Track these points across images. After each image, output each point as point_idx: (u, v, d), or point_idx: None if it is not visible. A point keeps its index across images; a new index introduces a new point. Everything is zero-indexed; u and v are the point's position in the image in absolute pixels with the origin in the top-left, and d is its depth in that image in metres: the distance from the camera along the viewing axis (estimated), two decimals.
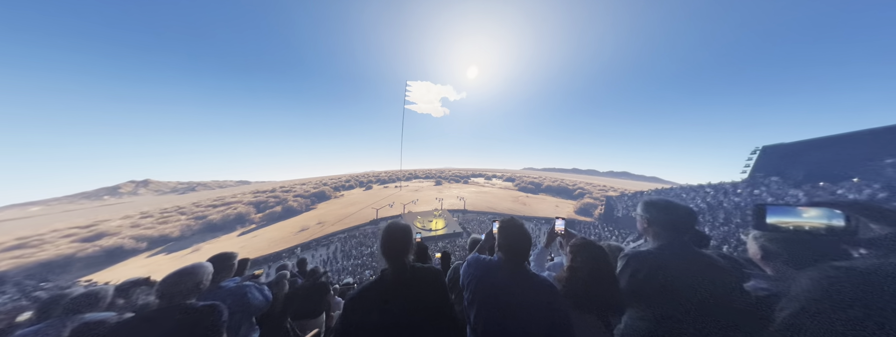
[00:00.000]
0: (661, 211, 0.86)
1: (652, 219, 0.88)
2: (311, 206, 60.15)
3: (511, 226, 0.89)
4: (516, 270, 0.83)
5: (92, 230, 47.87)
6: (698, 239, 1.21)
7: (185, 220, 50.80)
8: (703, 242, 1.23)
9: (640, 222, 0.95)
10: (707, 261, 0.76)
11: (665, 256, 0.81)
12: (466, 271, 0.91)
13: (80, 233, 46.90)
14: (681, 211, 0.84)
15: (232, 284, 1.45)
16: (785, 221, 0.54)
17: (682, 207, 0.84)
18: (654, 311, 0.77)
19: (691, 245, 0.83)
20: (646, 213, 0.89)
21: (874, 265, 0.25)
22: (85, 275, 31.87)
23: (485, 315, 0.77)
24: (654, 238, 0.89)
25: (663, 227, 0.86)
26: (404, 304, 0.81)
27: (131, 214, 62.07)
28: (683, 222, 0.83)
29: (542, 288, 0.80)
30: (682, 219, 0.83)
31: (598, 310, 0.79)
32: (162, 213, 58.85)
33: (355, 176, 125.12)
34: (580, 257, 0.84)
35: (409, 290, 0.84)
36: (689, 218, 0.83)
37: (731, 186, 26.02)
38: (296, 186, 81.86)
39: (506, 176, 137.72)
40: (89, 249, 38.81)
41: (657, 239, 0.87)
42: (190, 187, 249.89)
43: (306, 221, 45.88)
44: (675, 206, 0.85)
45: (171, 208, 62.44)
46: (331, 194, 70.96)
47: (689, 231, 0.85)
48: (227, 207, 55.22)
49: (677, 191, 28.18)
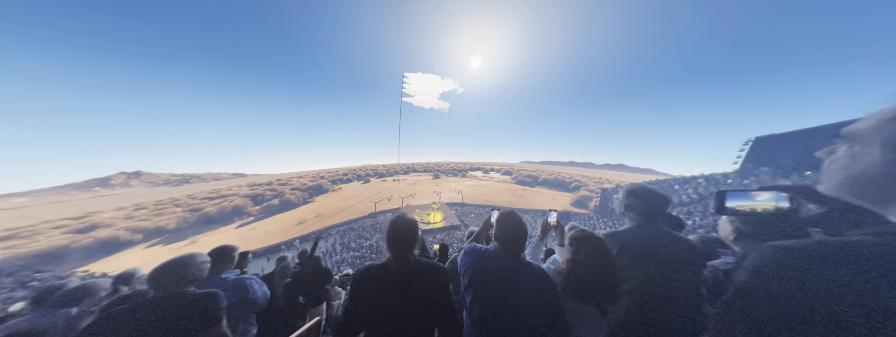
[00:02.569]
0: (637, 197, 0.99)
1: (629, 204, 1.00)
2: (308, 199, 60.20)
3: (509, 219, 0.92)
4: (511, 259, 0.87)
5: (85, 221, 47.36)
6: (675, 223, 1.34)
7: (180, 212, 50.49)
8: (679, 225, 1.36)
9: (619, 207, 1.07)
10: (675, 239, 0.91)
11: (637, 234, 0.94)
12: (463, 259, 0.96)
13: (72, 224, 46.37)
14: (654, 197, 0.97)
15: (233, 275, 1.42)
16: (741, 204, 0.61)
17: (657, 194, 0.97)
18: (629, 282, 0.87)
19: (663, 226, 0.96)
20: (625, 199, 1.02)
21: (805, 244, 0.28)
22: (81, 266, 31.87)
23: (480, 301, 0.82)
24: (630, 221, 1.02)
25: (638, 211, 0.98)
26: (405, 296, 0.84)
27: (125, 206, 61.34)
28: (656, 207, 0.96)
29: (535, 276, 0.84)
30: (655, 204, 0.96)
31: (599, 300, 0.81)
32: (157, 205, 58.29)
33: (353, 169, 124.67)
34: (582, 250, 0.85)
35: (412, 283, 0.87)
36: (661, 203, 0.96)
37: (722, 177, 26.58)
38: (293, 179, 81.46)
39: (504, 169, 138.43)
40: (83, 240, 38.56)
41: (633, 222, 1.00)
42: (184, 179, 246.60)
43: (304, 214, 46.05)
44: (651, 192, 0.99)
45: (165, 200, 61.78)
46: (328, 188, 70.93)
47: (661, 215, 0.99)
48: (224, 200, 54.92)
49: (671, 182, 28.71)
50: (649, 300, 0.84)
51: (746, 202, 0.60)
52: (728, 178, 26.12)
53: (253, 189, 62.91)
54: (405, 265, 0.89)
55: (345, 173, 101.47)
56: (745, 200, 0.60)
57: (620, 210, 1.06)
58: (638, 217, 0.98)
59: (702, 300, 0.81)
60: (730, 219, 0.78)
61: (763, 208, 0.58)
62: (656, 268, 0.86)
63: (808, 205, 0.52)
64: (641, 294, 0.85)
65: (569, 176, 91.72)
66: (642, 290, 0.85)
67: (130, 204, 63.58)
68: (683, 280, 0.82)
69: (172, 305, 0.89)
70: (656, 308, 0.83)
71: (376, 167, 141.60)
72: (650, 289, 0.85)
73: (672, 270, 0.84)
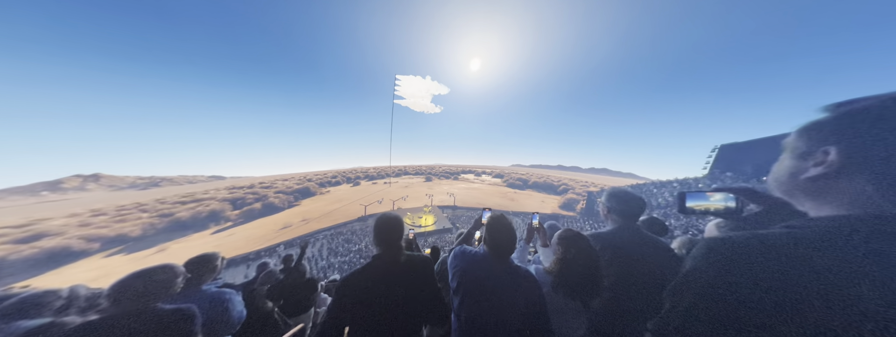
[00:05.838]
0: (618, 200, 1.06)
1: (611, 207, 1.07)
2: (294, 202, 57.29)
3: (499, 224, 0.92)
4: (500, 262, 0.89)
5: (27, 230, 41.80)
6: (659, 227, 1.43)
7: (147, 217, 46.04)
8: (661, 229, 1.44)
9: (602, 209, 1.13)
10: (651, 239, 0.99)
11: (618, 235, 1.02)
12: (453, 262, 0.97)
13: (13, 233, 40.76)
14: (634, 201, 1.04)
15: (214, 287, 1.25)
16: (698, 204, 0.69)
17: (636, 197, 1.05)
18: (608, 278, 0.93)
19: (641, 229, 1.04)
20: (607, 202, 1.09)
21: (731, 236, 0.34)
22: (21, 280, 27.92)
23: (469, 304, 0.85)
24: (612, 223, 1.09)
25: (619, 213, 1.05)
26: (396, 288, 0.86)
27: (79, 212, 54.99)
28: (635, 210, 1.04)
29: (523, 279, 0.86)
30: (634, 207, 1.04)
31: (585, 295, 0.86)
32: (118, 210, 52.82)
33: (342, 172, 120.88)
34: (574, 248, 0.89)
35: (402, 275, 0.89)
36: (639, 206, 1.04)
37: (693, 182, 28.81)
38: (277, 182, 77.41)
39: (495, 172, 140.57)
40: (25, 250, 33.93)
41: (615, 223, 1.07)
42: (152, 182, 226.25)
43: (289, 218, 43.65)
44: (630, 196, 1.06)
45: (129, 205, 56.28)
46: (316, 190, 67.95)
47: (638, 217, 1.07)
48: (199, 204, 50.81)
49: (649, 186, 30.56)
50: (623, 294, 0.91)
51: (702, 203, 0.69)
52: (699, 182, 28.21)
53: (232, 192, 58.87)
54: (396, 257, 0.91)
55: (333, 176, 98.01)
56: (701, 200, 0.69)
57: (604, 213, 1.13)
58: (619, 219, 1.06)
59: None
60: (718, 225, 0.84)
61: (715, 208, 0.66)
62: (632, 265, 0.93)
63: (750, 204, 0.62)
64: (618, 288, 0.92)
65: (557, 179, 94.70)
66: (618, 284, 0.92)
67: (86, 210, 57.05)
68: (655, 275, 0.90)
69: (134, 324, 0.75)
70: (629, 300, 0.90)
71: (367, 170, 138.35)
72: (625, 283, 0.92)
73: (646, 266, 0.92)
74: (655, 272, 0.90)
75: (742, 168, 28.98)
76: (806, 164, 0.35)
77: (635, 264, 0.93)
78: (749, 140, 31.59)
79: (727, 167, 30.38)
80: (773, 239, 0.31)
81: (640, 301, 0.88)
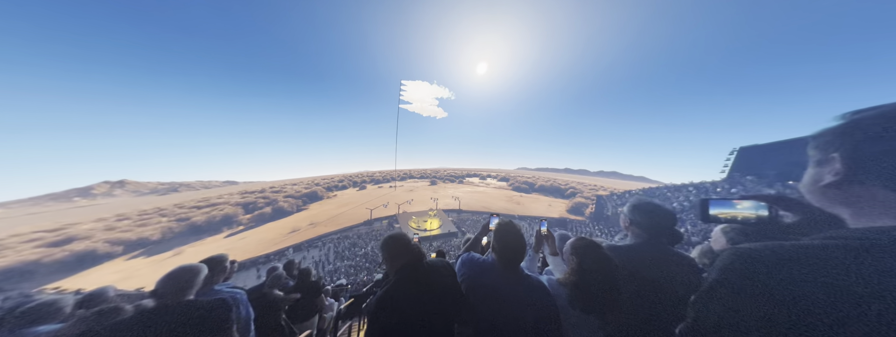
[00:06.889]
0: (644, 214, 0.92)
1: (635, 220, 0.95)
2: (302, 206, 58.52)
3: (507, 230, 0.88)
4: (508, 271, 0.85)
5: (60, 234, 44.62)
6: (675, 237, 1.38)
7: (166, 222, 48.20)
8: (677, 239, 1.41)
9: (624, 220, 1.02)
10: (676, 258, 0.88)
11: (636, 252, 0.90)
12: (460, 270, 0.94)
13: (46, 237, 43.60)
14: (662, 214, 0.90)
15: (226, 288, 1.33)
16: (724, 212, 0.62)
17: (665, 211, 0.91)
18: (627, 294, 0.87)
19: (665, 244, 0.91)
20: (631, 214, 0.96)
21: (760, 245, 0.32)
22: (52, 282, 29.67)
23: (477, 311, 0.81)
24: (633, 236, 0.97)
25: (644, 228, 0.93)
26: (428, 295, 0.85)
27: (106, 217, 58.32)
28: (663, 225, 0.91)
29: (533, 289, 0.82)
30: (661, 221, 0.90)
31: (604, 310, 0.78)
32: (140, 215, 55.64)
33: (349, 176, 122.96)
34: (590, 259, 0.81)
35: (429, 282, 0.88)
36: (668, 220, 0.90)
37: (711, 186, 27.33)
38: (286, 187, 79.46)
39: (500, 176, 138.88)
40: (57, 253, 36.14)
41: (636, 238, 0.96)
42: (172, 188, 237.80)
43: (298, 222, 44.59)
44: (658, 210, 0.92)
45: (150, 210, 59.11)
46: (323, 195, 69.31)
47: (666, 233, 0.93)
48: (213, 209, 52.87)
49: (663, 190, 29.22)
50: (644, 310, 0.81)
51: (728, 210, 0.62)
52: (717, 186, 26.77)
53: (244, 197, 60.97)
54: (416, 269, 0.89)
55: (340, 180, 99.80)
56: (727, 208, 0.62)
57: (625, 224, 1.01)
58: (642, 233, 0.93)
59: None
60: (724, 230, 0.78)
61: (744, 216, 0.60)
62: (653, 285, 0.83)
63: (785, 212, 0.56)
64: (637, 304, 0.83)
65: (564, 183, 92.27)
66: (639, 301, 0.83)
67: (112, 214, 60.53)
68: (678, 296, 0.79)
69: (179, 313, 0.87)
70: (651, 320, 0.80)
71: (373, 174, 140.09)
72: (646, 302, 0.82)
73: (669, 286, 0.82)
74: (679, 293, 0.80)
75: (765, 172, 27.14)
76: (823, 171, 0.34)
77: (657, 285, 0.83)
78: (771, 142, 29.45)
79: (748, 171, 28.56)
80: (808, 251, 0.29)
81: (661, 320, 0.80)
